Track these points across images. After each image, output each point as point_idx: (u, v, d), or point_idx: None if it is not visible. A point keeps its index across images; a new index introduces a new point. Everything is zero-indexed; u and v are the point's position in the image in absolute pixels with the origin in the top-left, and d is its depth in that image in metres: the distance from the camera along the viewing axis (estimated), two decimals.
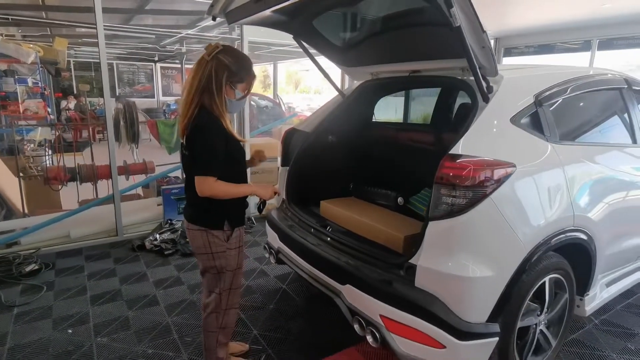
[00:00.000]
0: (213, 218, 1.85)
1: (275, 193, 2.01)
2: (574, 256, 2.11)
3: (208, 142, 1.72)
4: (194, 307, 2.85)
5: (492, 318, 1.75)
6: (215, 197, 1.76)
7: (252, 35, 4.57)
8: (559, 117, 2.11)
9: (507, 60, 7.04)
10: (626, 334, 2.59)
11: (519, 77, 2.14)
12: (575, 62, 6.25)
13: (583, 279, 2.24)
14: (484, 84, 1.84)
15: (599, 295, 2.39)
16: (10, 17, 5.83)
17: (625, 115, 2.53)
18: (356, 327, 1.98)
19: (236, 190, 1.82)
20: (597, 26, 5.64)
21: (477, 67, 1.77)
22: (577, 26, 5.76)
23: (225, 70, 1.73)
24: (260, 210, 2.07)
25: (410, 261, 1.80)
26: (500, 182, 1.70)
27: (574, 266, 2.11)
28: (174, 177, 5.30)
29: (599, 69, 2.81)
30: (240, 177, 1.91)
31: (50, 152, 6.29)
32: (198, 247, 1.89)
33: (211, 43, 1.79)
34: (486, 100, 1.85)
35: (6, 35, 8.31)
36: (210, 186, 1.73)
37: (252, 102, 10.24)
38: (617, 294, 2.56)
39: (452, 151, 1.73)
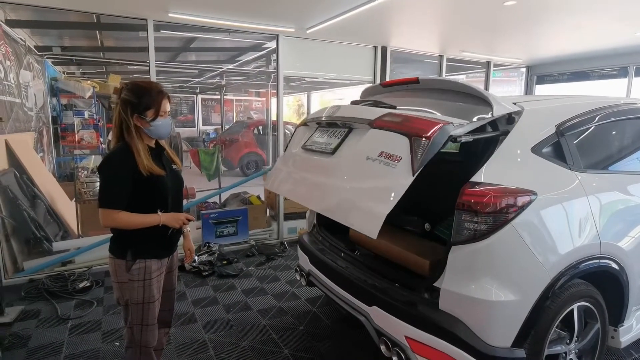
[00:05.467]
0: (117, 247, 1.86)
1: (188, 220, 1.93)
2: (605, 285, 2.10)
3: (107, 176, 1.79)
4: (230, 326, 3.00)
5: (517, 343, 1.78)
6: (120, 228, 1.80)
7: (286, 69, 4.88)
8: (582, 146, 2.16)
9: (540, 88, 6.99)
10: None
11: (540, 108, 2.21)
12: (612, 89, 6.14)
13: (616, 309, 2.21)
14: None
15: (635, 326, 2.33)
16: (74, 57, 6.55)
17: None
18: (383, 348, 2.05)
19: (140, 221, 1.80)
20: (633, 53, 5.56)
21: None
22: (611, 53, 5.70)
23: (128, 105, 1.80)
24: (169, 237, 1.94)
25: (434, 284, 1.88)
26: (521, 209, 1.77)
27: (606, 295, 2.10)
28: (212, 202, 5.59)
29: (628, 98, 2.82)
30: (156, 208, 1.85)
31: None
32: (110, 274, 1.90)
33: (116, 86, 1.90)
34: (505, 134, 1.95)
35: (67, 73, 9.22)
36: (111, 218, 1.76)
37: (286, 131, 10.61)
38: None
39: (474, 179, 1.83)
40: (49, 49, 6.56)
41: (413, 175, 1.72)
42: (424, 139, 1.73)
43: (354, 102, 2.59)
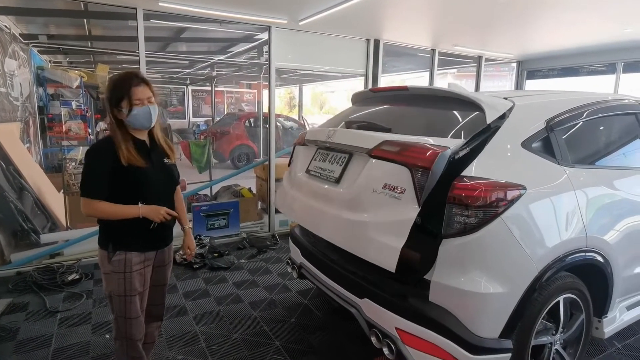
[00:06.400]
0: (101, 237, 1.87)
1: (170, 216, 1.89)
2: (590, 277, 2.15)
3: (89, 165, 1.80)
4: (221, 318, 3.01)
5: (504, 334, 1.81)
6: (99, 217, 1.82)
7: (278, 61, 4.85)
8: (571, 141, 2.19)
9: (530, 84, 7.05)
10: None
11: (531, 103, 2.24)
12: (600, 85, 6.22)
13: (601, 301, 2.27)
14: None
15: (618, 318, 2.39)
16: (61, 46, 6.41)
17: None
18: (373, 339, 2.08)
19: (120, 211, 1.79)
20: (621, 49, 5.63)
21: None
22: (601, 49, 5.77)
23: (107, 101, 1.83)
24: (153, 231, 1.88)
25: (424, 277, 1.90)
26: (510, 203, 1.79)
27: (591, 287, 2.15)
28: (203, 194, 5.56)
29: (615, 94, 2.86)
30: (139, 200, 1.83)
31: None
32: (99, 265, 1.91)
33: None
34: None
35: (54, 63, 9.03)
36: (91, 207, 1.77)
37: (277, 124, 10.57)
38: (639, 317, 2.54)
39: (465, 173, 1.84)
40: (34, 37, 6.41)
41: (419, 207, 1.78)
42: (423, 169, 1.79)
43: (348, 123, 2.55)
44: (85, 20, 5.56)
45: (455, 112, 2.13)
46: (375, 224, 1.94)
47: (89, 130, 8.00)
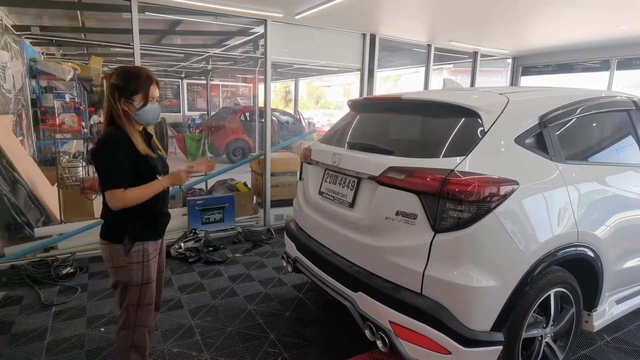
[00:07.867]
0: (113, 232, 1.87)
1: (189, 173, 1.96)
2: (581, 272, 2.19)
3: (109, 156, 1.79)
4: (216, 311, 3.02)
5: (496, 327, 1.84)
6: (129, 206, 1.79)
7: (274, 55, 4.83)
8: (563, 137, 2.21)
9: (525, 80, 7.08)
10: (638, 353, 2.60)
11: (524, 99, 2.25)
12: (594, 81, 6.26)
13: (591, 295, 2.31)
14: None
15: (608, 311, 2.43)
16: (54, 38, 6.34)
17: (632, 136, 2.60)
18: (367, 332, 2.10)
19: (148, 190, 1.83)
20: (615, 46, 5.67)
21: None
22: (595, 46, 5.80)
23: (116, 89, 1.80)
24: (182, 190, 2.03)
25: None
26: (503, 198, 1.82)
27: (581, 281, 2.19)
28: (198, 189, 5.54)
29: (608, 91, 2.88)
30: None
31: (84, 163, 6.67)
32: (104, 260, 1.91)
33: (106, 72, 1.92)
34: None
35: (47, 54, 8.91)
36: (120, 198, 1.76)
37: (273, 118, 10.53)
38: (628, 311, 2.58)
39: (459, 168, 1.87)
40: (27, 29, 6.32)
41: (433, 231, 1.83)
42: (432, 196, 1.84)
43: (351, 144, 2.51)
44: (78, 12, 5.49)
45: (451, 121, 2.10)
46: (394, 248, 1.99)
47: (83, 124, 7.91)
